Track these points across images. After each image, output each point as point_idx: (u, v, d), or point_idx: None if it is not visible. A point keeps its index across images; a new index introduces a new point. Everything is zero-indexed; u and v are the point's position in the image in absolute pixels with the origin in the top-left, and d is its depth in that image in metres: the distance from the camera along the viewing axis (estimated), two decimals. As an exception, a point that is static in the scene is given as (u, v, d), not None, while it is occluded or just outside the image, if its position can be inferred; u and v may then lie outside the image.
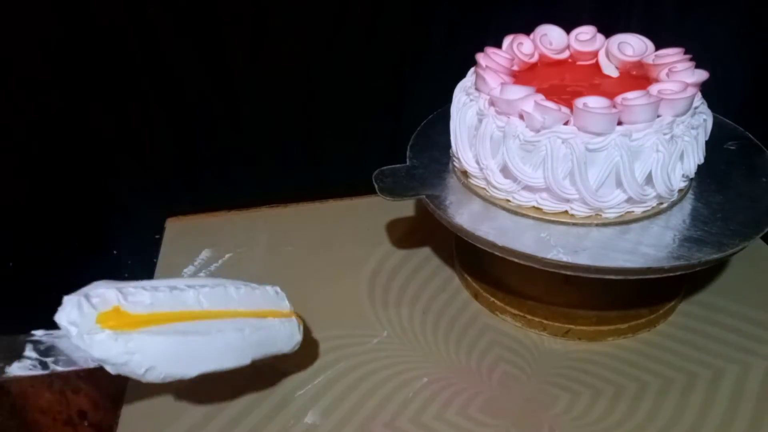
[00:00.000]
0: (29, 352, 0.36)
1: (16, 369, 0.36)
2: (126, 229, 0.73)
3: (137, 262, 0.71)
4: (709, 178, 0.52)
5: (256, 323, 0.44)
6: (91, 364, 0.37)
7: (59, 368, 0.37)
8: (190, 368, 0.40)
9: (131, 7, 0.60)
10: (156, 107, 0.67)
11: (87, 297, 0.38)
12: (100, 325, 0.37)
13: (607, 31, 0.54)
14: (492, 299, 0.56)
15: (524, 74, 0.53)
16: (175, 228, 0.69)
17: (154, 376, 0.38)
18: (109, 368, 0.37)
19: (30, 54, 0.60)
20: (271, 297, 0.48)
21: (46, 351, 0.37)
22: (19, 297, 0.69)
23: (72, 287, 0.39)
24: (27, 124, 0.64)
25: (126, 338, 0.37)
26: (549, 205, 0.48)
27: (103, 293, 0.38)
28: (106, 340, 0.36)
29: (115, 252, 0.73)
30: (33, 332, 0.37)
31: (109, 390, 0.72)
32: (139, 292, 0.40)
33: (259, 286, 0.47)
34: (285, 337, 0.46)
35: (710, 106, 0.50)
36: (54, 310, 0.37)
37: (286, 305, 0.48)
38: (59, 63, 0.62)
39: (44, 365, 0.37)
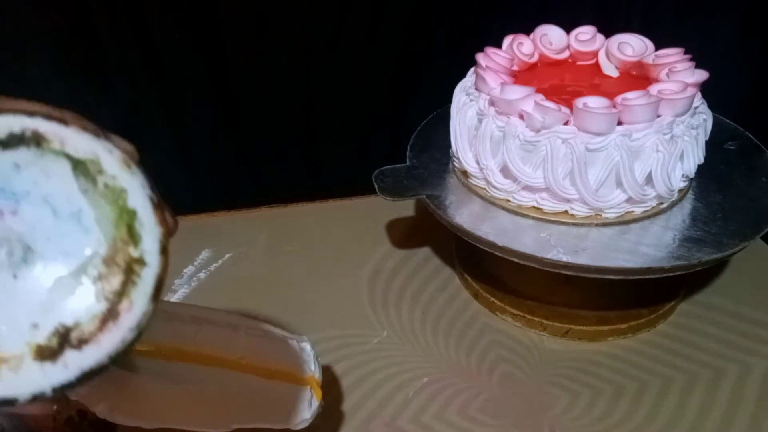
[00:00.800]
0: None
1: None
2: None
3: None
4: (709, 178, 0.52)
5: (252, 384, 0.36)
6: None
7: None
8: (152, 418, 0.33)
9: (131, 7, 0.60)
10: (156, 107, 0.67)
11: None
12: None
13: (607, 31, 0.54)
14: (492, 299, 0.56)
15: (524, 74, 0.53)
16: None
17: (106, 414, 0.33)
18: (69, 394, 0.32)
19: (33, 56, 0.60)
20: (291, 353, 0.39)
21: None
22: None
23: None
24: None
25: None
26: (549, 205, 0.48)
27: None
28: None
29: None
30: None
31: (109, 390, 0.72)
32: None
33: (283, 337, 0.39)
34: (287, 410, 0.37)
35: (710, 106, 0.50)
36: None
37: (308, 369, 0.39)
38: (61, 63, 0.62)
39: None
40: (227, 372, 0.36)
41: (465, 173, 0.53)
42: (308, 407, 0.38)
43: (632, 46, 0.51)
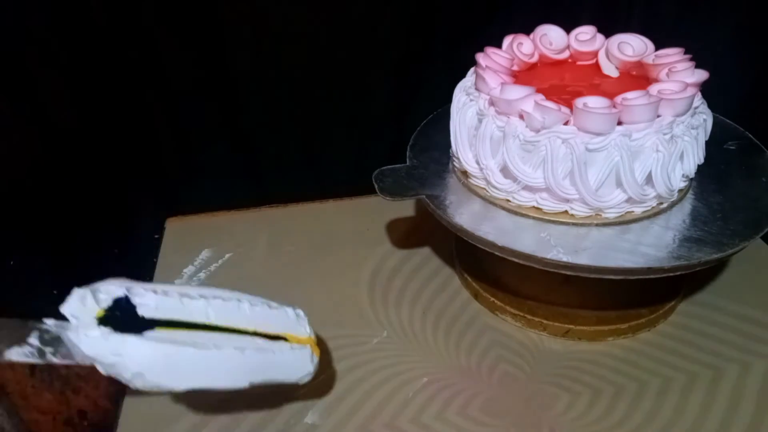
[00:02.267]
0: (33, 339, 0.35)
1: (15, 354, 0.35)
2: (126, 229, 0.73)
3: (137, 262, 0.71)
4: (709, 178, 0.52)
5: (262, 345, 0.42)
6: (87, 361, 0.36)
7: (56, 360, 0.36)
8: (179, 381, 0.38)
9: (132, 8, 0.60)
10: (156, 107, 0.67)
11: (94, 291, 0.37)
12: (98, 322, 0.36)
13: (607, 31, 0.54)
14: (492, 299, 0.56)
15: (524, 74, 0.53)
16: (175, 228, 0.69)
17: (141, 383, 0.37)
18: (99, 367, 0.37)
19: (38, 63, 0.61)
20: (289, 319, 0.45)
21: (50, 341, 0.35)
22: (20, 292, 0.69)
23: (72, 283, 0.39)
24: (27, 123, 0.64)
25: (118, 339, 0.36)
26: (549, 205, 0.48)
27: (111, 290, 0.38)
28: (98, 338, 0.36)
29: (116, 251, 0.73)
30: (44, 320, 0.36)
31: (109, 390, 0.72)
32: (147, 294, 0.39)
33: (279, 306, 0.45)
34: (294, 365, 0.43)
35: (710, 106, 0.50)
36: (52, 305, 0.37)
37: (305, 330, 0.45)
38: (63, 64, 0.62)
39: (42, 354, 0.35)
40: (240, 337, 0.41)
41: (465, 173, 0.53)
42: (311, 362, 0.44)
43: (632, 46, 0.51)
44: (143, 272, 0.63)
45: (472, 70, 0.54)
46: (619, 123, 0.44)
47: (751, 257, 0.60)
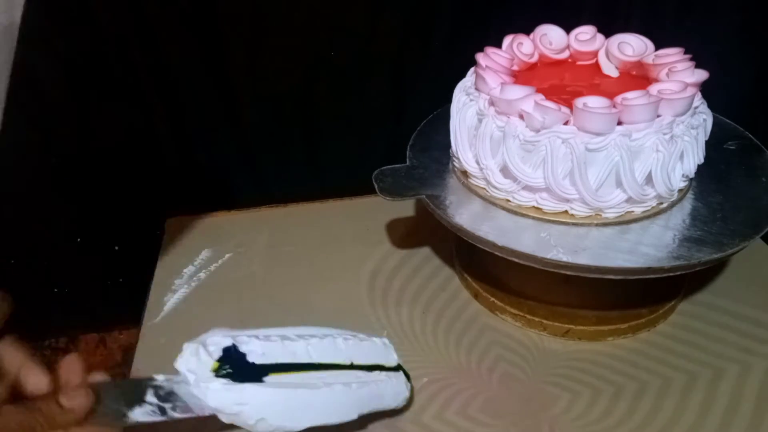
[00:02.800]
0: (150, 397, 0.36)
1: (139, 415, 0.35)
2: (126, 229, 0.73)
3: (137, 261, 0.71)
4: (709, 178, 0.52)
5: (364, 377, 0.44)
6: (207, 412, 0.37)
7: (177, 415, 0.36)
8: (298, 421, 0.40)
9: (134, 8, 0.60)
10: (156, 107, 0.67)
11: (204, 345, 0.39)
12: (215, 374, 0.38)
13: (607, 31, 0.54)
14: (492, 299, 0.56)
15: (524, 74, 0.53)
16: (175, 228, 0.69)
17: (264, 428, 0.38)
18: (222, 417, 0.38)
19: (38, 62, 0.61)
20: (379, 349, 0.47)
21: (166, 396, 0.36)
22: (21, 293, 0.69)
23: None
24: (27, 121, 0.64)
25: (239, 389, 0.38)
26: (549, 205, 0.48)
27: (218, 341, 0.39)
28: (220, 390, 0.37)
29: (116, 248, 0.73)
30: (154, 376, 0.36)
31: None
32: (252, 341, 0.40)
33: (367, 337, 0.47)
34: (392, 392, 0.46)
35: (710, 106, 0.50)
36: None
37: (393, 358, 0.47)
38: (65, 65, 0.62)
39: (163, 411, 0.36)
40: (345, 372, 0.43)
41: (465, 173, 0.53)
42: (406, 387, 0.47)
43: (632, 46, 0.51)
44: (143, 272, 0.63)
45: (472, 70, 0.54)
46: (619, 123, 0.44)
47: (751, 257, 0.60)
